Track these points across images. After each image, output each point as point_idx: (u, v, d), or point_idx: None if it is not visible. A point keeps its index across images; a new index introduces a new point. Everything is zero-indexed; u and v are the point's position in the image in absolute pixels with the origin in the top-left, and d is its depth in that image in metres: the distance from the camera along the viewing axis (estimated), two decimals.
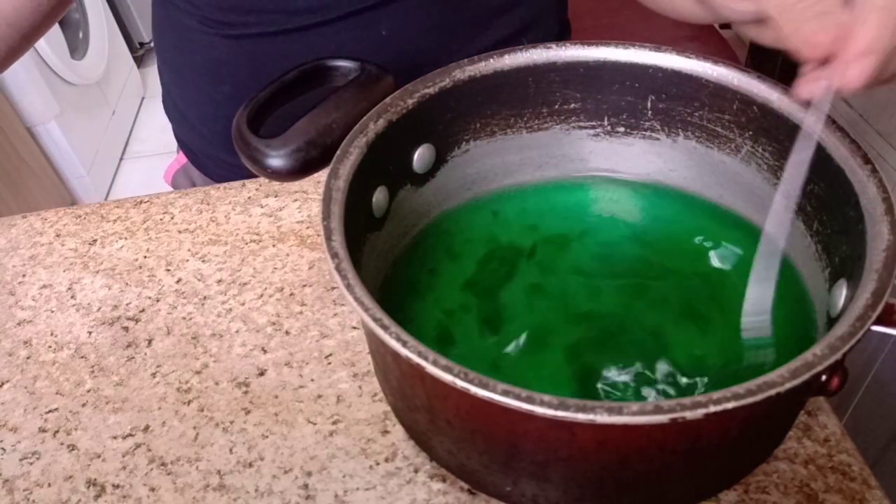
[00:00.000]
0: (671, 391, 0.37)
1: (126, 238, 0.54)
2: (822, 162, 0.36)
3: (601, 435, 0.30)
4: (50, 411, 0.44)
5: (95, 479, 0.40)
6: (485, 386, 0.27)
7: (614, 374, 0.38)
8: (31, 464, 0.41)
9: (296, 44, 0.55)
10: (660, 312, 0.41)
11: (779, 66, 1.70)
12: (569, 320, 0.41)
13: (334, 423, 0.41)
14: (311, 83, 0.42)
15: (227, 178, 0.58)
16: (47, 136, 1.62)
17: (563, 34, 0.67)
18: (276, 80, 0.41)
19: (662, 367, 0.38)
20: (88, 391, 0.45)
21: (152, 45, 2.23)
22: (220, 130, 0.38)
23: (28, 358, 0.47)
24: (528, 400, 0.27)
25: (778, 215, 0.38)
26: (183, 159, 0.71)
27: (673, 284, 0.42)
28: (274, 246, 0.52)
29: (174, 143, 0.71)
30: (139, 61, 2.20)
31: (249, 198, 0.56)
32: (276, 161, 0.37)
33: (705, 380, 0.38)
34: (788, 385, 0.27)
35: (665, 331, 0.40)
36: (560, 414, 0.26)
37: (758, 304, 0.37)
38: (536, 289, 0.42)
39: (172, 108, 0.67)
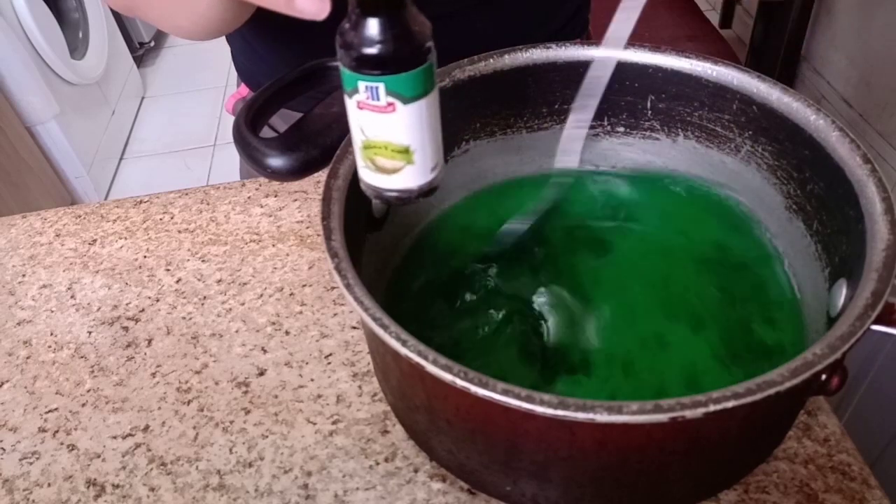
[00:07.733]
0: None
1: (126, 238, 0.54)
2: (821, 161, 0.36)
3: (601, 434, 0.30)
4: (50, 411, 0.44)
5: (95, 479, 0.40)
6: (484, 385, 0.27)
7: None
8: (31, 464, 0.41)
9: None
10: (660, 308, 0.41)
11: (779, 66, 1.70)
12: (570, 317, 0.41)
13: (334, 423, 0.41)
14: (311, 83, 0.42)
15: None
16: (47, 136, 1.62)
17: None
18: (275, 80, 0.41)
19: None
20: (88, 391, 0.45)
21: (152, 44, 2.23)
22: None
23: (28, 358, 0.47)
24: (528, 399, 0.27)
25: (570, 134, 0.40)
26: (245, 91, 0.71)
27: (672, 280, 0.42)
28: (274, 246, 0.52)
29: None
30: (139, 61, 2.20)
31: (249, 198, 0.56)
32: (276, 161, 0.37)
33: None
34: (788, 384, 0.27)
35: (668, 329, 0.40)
36: (560, 413, 0.26)
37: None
38: (537, 286, 0.42)
39: (244, 46, 0.66)
